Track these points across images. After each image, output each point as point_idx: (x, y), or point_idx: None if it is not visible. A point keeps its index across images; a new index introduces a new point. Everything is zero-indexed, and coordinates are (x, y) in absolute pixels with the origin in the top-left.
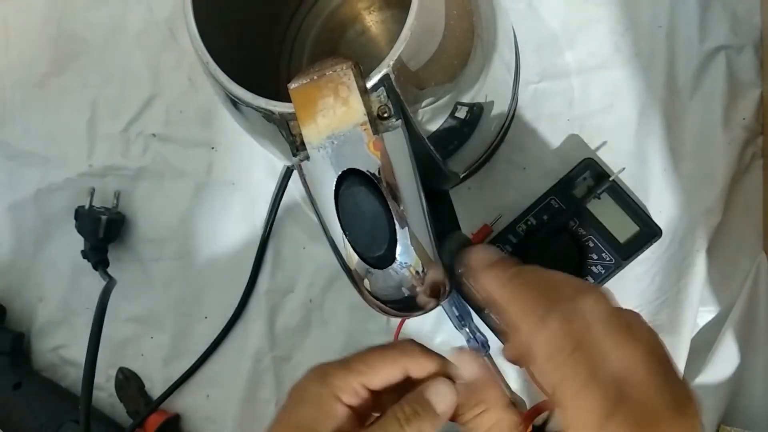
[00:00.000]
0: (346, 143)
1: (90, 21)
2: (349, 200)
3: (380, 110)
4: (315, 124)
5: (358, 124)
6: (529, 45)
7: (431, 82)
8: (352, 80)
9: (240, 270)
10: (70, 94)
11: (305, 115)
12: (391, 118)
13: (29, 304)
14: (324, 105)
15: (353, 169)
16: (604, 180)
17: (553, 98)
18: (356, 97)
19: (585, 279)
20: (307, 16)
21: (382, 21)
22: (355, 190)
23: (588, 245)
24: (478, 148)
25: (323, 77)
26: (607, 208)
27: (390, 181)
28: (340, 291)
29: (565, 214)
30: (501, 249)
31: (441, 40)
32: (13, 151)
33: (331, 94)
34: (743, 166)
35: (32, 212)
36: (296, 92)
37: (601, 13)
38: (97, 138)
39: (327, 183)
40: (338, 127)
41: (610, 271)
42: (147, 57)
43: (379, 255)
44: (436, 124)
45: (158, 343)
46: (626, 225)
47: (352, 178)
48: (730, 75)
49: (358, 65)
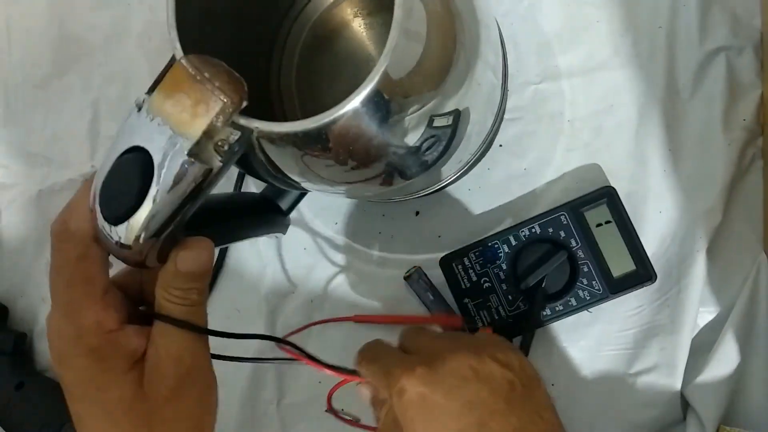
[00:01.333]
0: (167, 135)
1: (92, 22)
2: (124, 160)
3: (219, 144)
4: (164, 99)
5: (186, 137)
6: (529, 46)
7: (415, 91)
8: (212, 111)
9: (241, 266)
10: (72, 95)
11: (166, 87)
12: (217, 157)
13: (32, 305)
14: (181, 98)
15: (144, 149)
16: (618, 211)
17: (553, 99)
18: (203, 122)
19: (569, 300)
20: (296, 21)
21: (370, 26)
22: (133, 158)
23: (582, 269)
24: (467, 151)
25: (201, 86)
26: (611, 240)
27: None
28: (340, 291)
29: (570, 233)
30: (497, 247)
31: (423, 52)
32: (16, 151)
33: (193, 100)
34: (743, 166)
35: (35, 213)
36: (177, 69)
37: (601, 14)
38: (99, 138)
39: (128, 135)
40: (173, 123)
41: (594, 300)
42: (148, 58)
43: (116, 215)
44: (422, 130)
45: None
46: (624, 261)
47: (140, 151)
48: (730, 76)
49: (236, 105)
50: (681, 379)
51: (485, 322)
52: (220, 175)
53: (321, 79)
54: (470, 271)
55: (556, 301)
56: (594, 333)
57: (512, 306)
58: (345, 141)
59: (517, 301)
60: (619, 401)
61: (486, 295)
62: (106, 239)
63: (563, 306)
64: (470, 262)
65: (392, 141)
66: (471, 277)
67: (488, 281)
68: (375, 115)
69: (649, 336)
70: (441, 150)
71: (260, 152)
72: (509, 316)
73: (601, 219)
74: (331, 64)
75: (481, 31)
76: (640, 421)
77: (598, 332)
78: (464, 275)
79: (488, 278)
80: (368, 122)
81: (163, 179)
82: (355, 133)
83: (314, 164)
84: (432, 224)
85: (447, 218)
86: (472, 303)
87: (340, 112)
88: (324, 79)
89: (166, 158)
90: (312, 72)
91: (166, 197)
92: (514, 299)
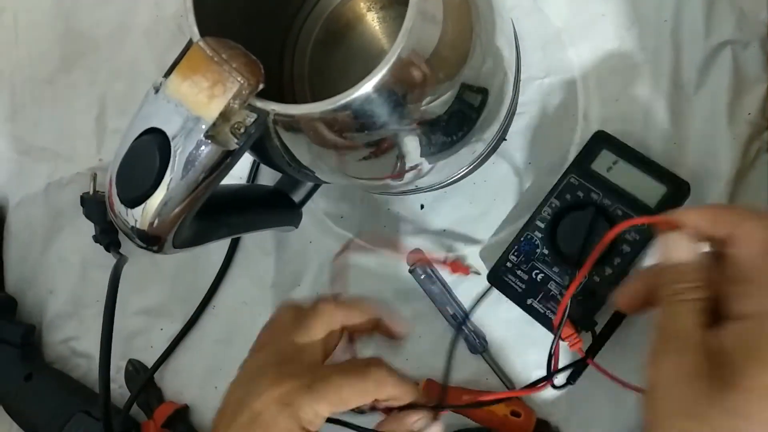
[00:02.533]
0: (184, 116)
1: (98, 18)
2: (140, 142)
3: (236, 126)
4: (181, 81)
5: (203, 118)
6: (534, 41)
7: (430, 80)
8: (229, 92)
9: (248, 258)
10: (79, 90)
11: (183, 69)
12: (233, 139)
13: (40, 297)
14: (198, 80)
15: (161, 130)
16: (619, 147)
17: (558, 93)
18: (220, 104)
19: (621, 249)
20: (309, 15)
21: (383, 19)
22: (150, 140)
23: (617, 214)
24: (479, 144)
25: (218, 67)
26: (629, 176)
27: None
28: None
29: (587, 189)
30: (530, 236)
31: (439, 39)
32: (23, 146)
33: (210, 81)
34: (748, 161)
35: (43, 206)
36: (195, 51)
37: (607, 8)
38: (106, 133)
39: (144, 117)
40: (190, 104)
41: (646, 236)
42: (154, 53)
43: (132, 197)
44: (435, 122)
45: (167, 334)
46: (652, 188)
47: (157, 133)
48: (736, 70)
49: (253, 86)
50: None
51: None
52: (236, 158)
53: (334, 73)
54: (518, 271)
55: (611, 259)
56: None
57: None
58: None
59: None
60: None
61: (544, 287)
62: (123, 224)
63: (620, 258)
64: (513, 264)
65: (406, 128)
66: (522, 277)
67: (539, 272)
68: (390, 99)
69: None
70: (455, 141)
71: (276, 138)
72: (576, 295)
73: (609, 162)
74: (344, 58)
75: (496, 21)
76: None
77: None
78: (515, 279)
79: (538, 269)
80: (383, 107)
81: (179, 160)
82: (369, 118)
83: (328, 150)
84: (437, 218)
85: (452, 212)
86: (536, 301)
87: (356, 95)
88: (337, 73)
89: (183, 139)
90: (325, 66)
91: (182, 179)
92: (572, 276)
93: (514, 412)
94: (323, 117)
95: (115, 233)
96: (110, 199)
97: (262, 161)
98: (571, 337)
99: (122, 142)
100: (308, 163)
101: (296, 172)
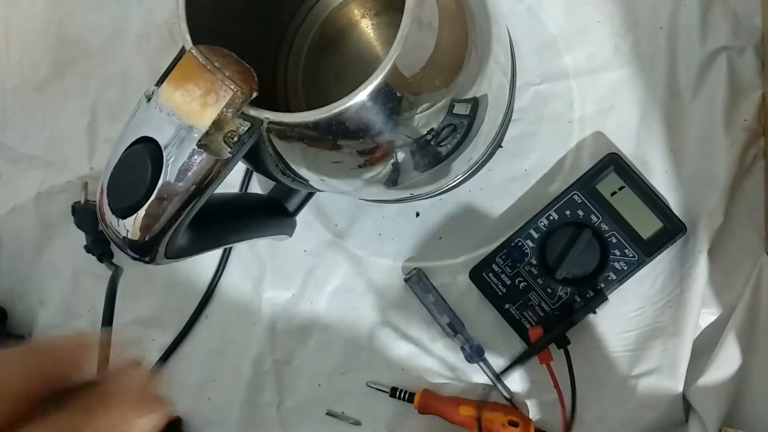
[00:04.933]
0: (176, 125)
1: (90, 24)
2: (132, 151)
3: (229, 135)
4: (174, 89)
5: (195, 127)
6: (529, 47)
7: (426, 88)
8: (222, 100)
9: (241, 268)
10: (70, 97)
11: (176, 77)
12: (226, 148)
13: (30, 308)
14: (191, 89)
15: (153, 139)
16: (627, 174)
17: (554, 100)
18: (213, 112)
19: (607, 276)
20: (304, 21)
21: (378, 26)
22: (141, 149)
23: (611, 241)
24: (475, 151)
25: (211, 75)
26: (631, 204)
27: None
28: (341, 295)
29: (588, 209)
30: (521, 244)
31: (435, 46)
32: (14, 154)
33: (203, 90)
34: (745, 167)
35: (33, 215)
36: (187, 59)
37: (602, 15)
38: (98, 141)
39: (136, 126)
40: (183, 113)
41: (632, 268)
42: (147, 59)
43: (124, 207)
44: (431, 130)
45: (159, 344)
46: (650, 221)
47: (149, 142)
48: (732, 76)
49: (246, 95)
50: (683, 381)
51: (532, 322)
52: (229, 167)
53: (328, 79)
54: (502, 275)
55: (595, 281)
56: (596, 334)
57: (554, 298)
58: (353, 134)
59: (557, 292)
60: (621, 403)
61: (525, 295)
62: (114, 235)
63: (604, 284)
64: (499, 266)
65: (401, 136)
66: (504, 281)
67: (523, 280)
68: (385, 107)
69: (650, 337)
70: (451, 149)
71: (269, 146)
72: (554, 309)
73: (614, 186)
74: (338, 64)
75: (492, 28)
76: (641, 422)
77: (599, 334)
78: (497, 281)
79: (522, 277)
80: (378, 115)
81: (171, 169)
82: (364, 126)
83: (323, 159)
84: (433, 226)
85: (447, 220)
86: (513, 307)
87: (351, 102)
88: (331, 80)
89: (176, 148)
90: (319, 72)
91: (174, 188)
92: (553, 291)
93: (512, 422)
94: (318, 125)
95: (108, 243)
96: (101, 209)
97: (255, 170)
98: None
99: (114, 151)
100: (302, 171)
101: (290, 181)
